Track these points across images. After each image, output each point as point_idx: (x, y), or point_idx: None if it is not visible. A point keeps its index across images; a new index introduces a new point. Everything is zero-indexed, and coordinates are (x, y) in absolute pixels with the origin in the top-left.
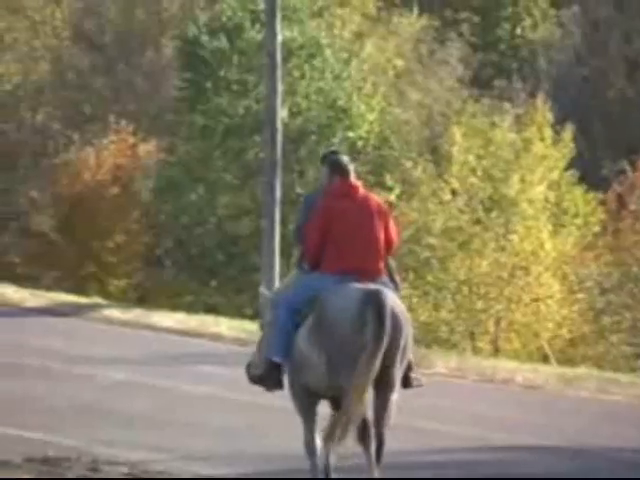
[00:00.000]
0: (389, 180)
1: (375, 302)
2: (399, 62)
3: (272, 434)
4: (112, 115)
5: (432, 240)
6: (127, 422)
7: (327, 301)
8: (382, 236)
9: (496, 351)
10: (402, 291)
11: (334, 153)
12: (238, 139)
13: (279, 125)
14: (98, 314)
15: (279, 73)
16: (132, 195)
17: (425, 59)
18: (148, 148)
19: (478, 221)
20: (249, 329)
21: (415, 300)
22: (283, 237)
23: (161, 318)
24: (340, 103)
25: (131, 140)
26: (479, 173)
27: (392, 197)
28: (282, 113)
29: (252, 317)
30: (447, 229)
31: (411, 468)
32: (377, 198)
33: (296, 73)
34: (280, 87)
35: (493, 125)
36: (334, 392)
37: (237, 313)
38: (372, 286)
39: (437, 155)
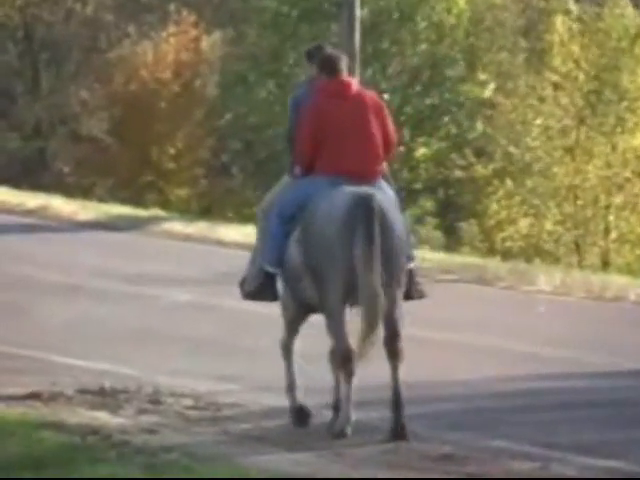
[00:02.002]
0: (482, 74)
1: (364, 205)
2: None
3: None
4: (171, 4)
5: (532, 142)
6: (192, 348)
7: (316, 207)
8: (379, 136)
9: (606, 265)
10: (499, 197)
11: (321, 48)
12: (312, 26)
13: (358, 12)
14: (158, 228)
15: None
16: (195, 94)
17: None
18: (212, 41)
19: (583, 120)
20: None
21: (515, 209)
22: None
23: (227, 231)
24: None
25: (193, 32)
26: (584, 65)
27: (486, 93)
28: None
29: None
30: (548, 129)
31: (509, 396)
32: (372, 94)
33: None
34: None
35: (599, 15)
36: None
37: None
38: (363, 189)
39: (536, 46)
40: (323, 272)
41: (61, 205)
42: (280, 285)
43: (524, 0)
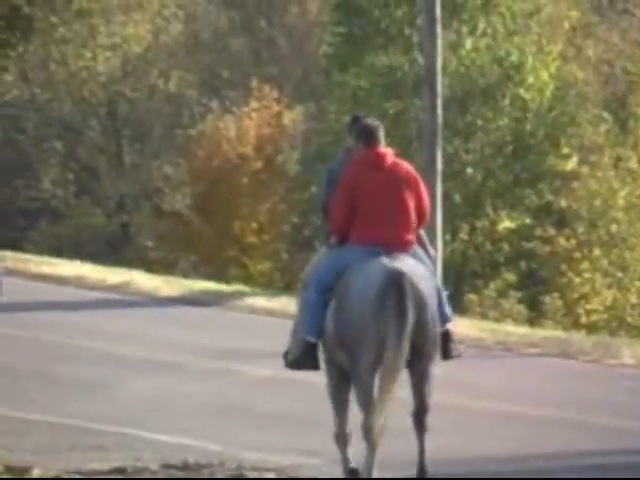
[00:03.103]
0: (564, 146)
1: (395, 283)
2: (575, 13)
3: (445, 433)
4: (253, 80)
5: (617, 214)
6: (275, 423)
7: (351, 281)
8: (412, 206)
9: None
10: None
11: (360, 119)
12: (397, 100)
13: (439, 89)
14: (240, 303)
15: (439, 29)
16: (277, 169)
17: (605, 10)
18: (293, 116)
19: None
20: None
21: (598, 282)
22: (445, 212)
23: None
24: (513, 59)
25: (275, 107)
26: None
27: (569, 166)
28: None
29: None
30: (634, 201)
31: (596, 469)
32: (407, 166)
33: (465, 28)
34: (440, 46)
35: None
36: None
37: None
38: (396, 263)
39: (620, 118)
40: (355, 346)
41: (144, 280)
42: (323, 356)
43: (605, 72)
